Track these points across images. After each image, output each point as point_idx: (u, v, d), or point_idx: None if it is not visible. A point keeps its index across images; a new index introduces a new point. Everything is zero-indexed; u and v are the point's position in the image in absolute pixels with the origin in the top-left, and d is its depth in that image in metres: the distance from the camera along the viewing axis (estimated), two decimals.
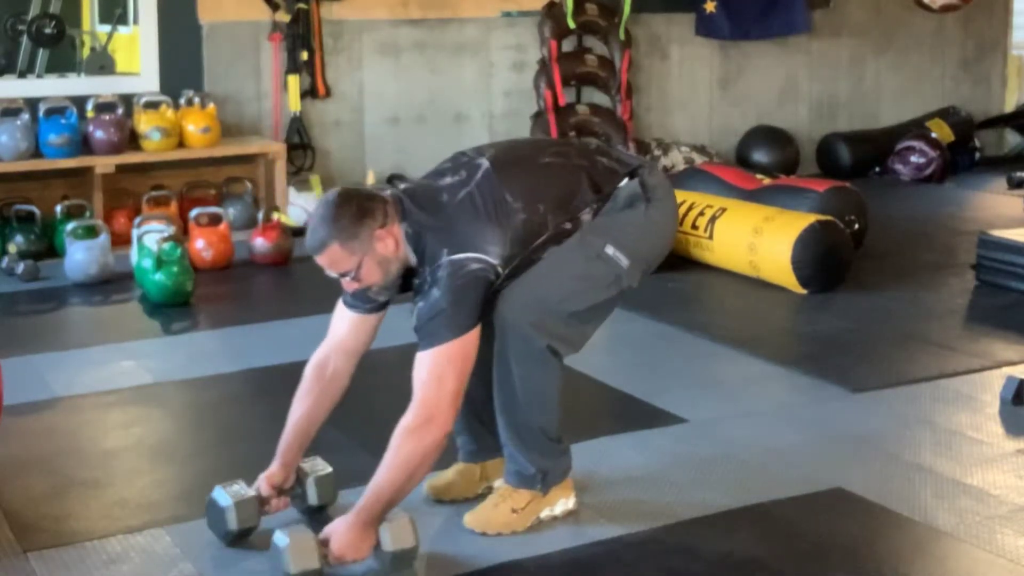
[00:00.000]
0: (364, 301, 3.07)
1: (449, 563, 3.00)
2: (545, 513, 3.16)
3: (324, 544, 2.85)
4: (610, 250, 3.00)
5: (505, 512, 3.11)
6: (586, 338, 3.10)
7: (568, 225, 3.01)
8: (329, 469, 3.24)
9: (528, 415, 3.05)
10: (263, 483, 3.14)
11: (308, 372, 3.17)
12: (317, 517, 3.14)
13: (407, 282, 2.99)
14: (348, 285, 2.99)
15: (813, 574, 2.95)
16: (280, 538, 2.84)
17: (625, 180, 3.07)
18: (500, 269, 2.91)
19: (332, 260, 2.90)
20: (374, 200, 2.91)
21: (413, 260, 2.94)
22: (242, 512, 3.03)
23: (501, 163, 3.01)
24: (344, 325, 3.14)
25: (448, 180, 3.00)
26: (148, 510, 3.30)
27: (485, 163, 3.00)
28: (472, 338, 2.88)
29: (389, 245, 2.90)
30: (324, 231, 2.87)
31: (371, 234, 2.87)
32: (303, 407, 3.16)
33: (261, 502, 3.11)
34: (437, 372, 2.85)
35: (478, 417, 3.22)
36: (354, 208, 2.88)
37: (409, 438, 2.86)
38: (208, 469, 3.62)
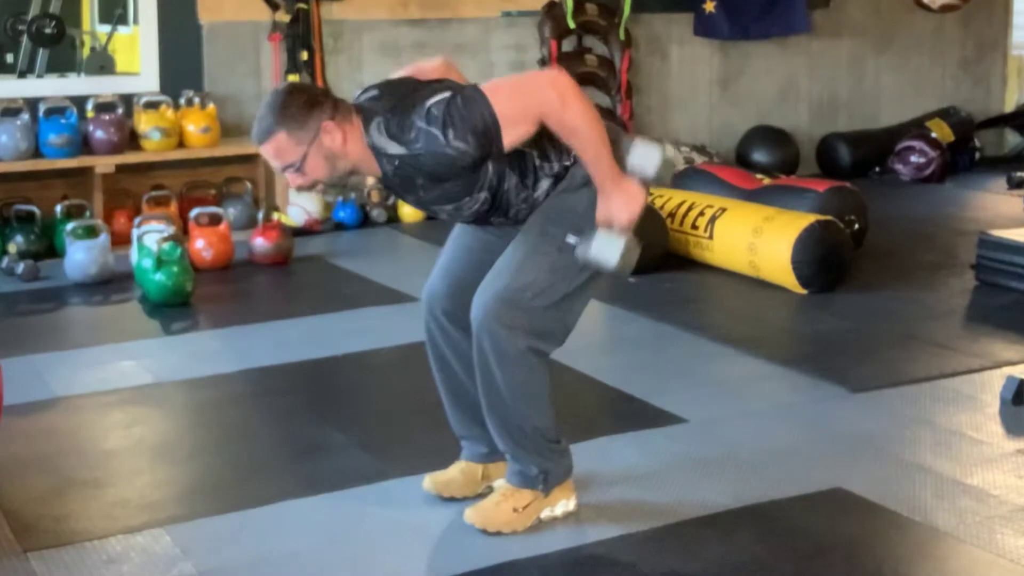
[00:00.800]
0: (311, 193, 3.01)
1: (449, 563, 3.00)
2: (545, 513, 3.16)
3: (610, 224, 2.91)
4: (571, 239, 2.97)
5: (506, 511, 3.11)
6: (569, 328, 3.06)
7: (537, 161, 2.96)
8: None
9: (521, 418, 3.03)
10: None
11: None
12: None
13: (396, 172, 2.90)
14: (293, 179, 2.92)
15: (813, 574, 2.95)
16: (597, 241, 2.90)
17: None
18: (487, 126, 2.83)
19: (278, 149, 2.86)
20: (326, 94, 2.90)
21: (396, 147, 2.86)
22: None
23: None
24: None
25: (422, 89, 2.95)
26: (148, 510, 3.30)
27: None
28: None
29: (336, 138, 2.85)
30: (271, 119, 2.84)
31: (319, 125, 2.84)
32: None
33: None
34: (507, 92, 2.83)
35: (478, 420, 3.20)
36: (304, 98, 2.86)
37: (564, 119, 2.81)
38: (208, 469, 3.62)
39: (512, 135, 2.83)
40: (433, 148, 2.81)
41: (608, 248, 2.93)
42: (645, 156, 2.95)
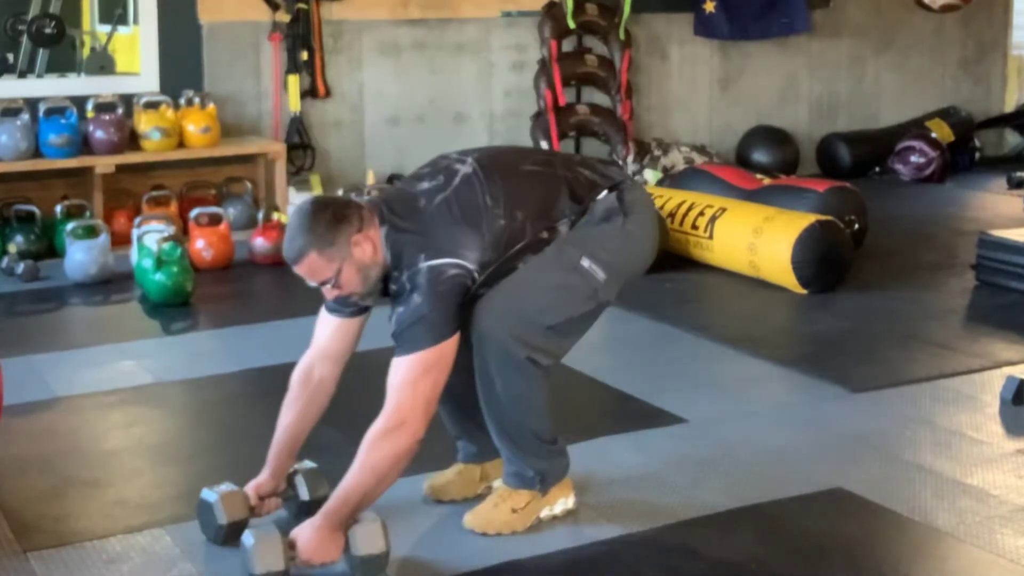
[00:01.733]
0: (346, 305, 3.06)
1: (449, 563, 3.00)
2: (545, 513, 3.16)
3: (292, 546, 2.84)
4: (586, 263, 2.99)
5: (505, 512, 3.11)
6: (564, 351, 3.09)
7: (545, 234, 2.99)
8: (315, 465, 3.23)
9: (518, 422, 3.04)
10: (251, 491, 3.13)
11: (294, 380, 3.17)
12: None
13: (385, 287, 2.97)
14: (329, 293, 2.97)
15: (813, 574, 2.95)
16: (247, 537, 2.84)
17: (604, 193, 3.06)
18: (476, 275, 2.90)
19: (311, 269, 2.89)
20: (349, 206, 2.91)
21: (390, 265, 2.92)
22: (229, 505, 3.03)
23: (482, 167, 3.00)
24: (327, 331, 3.14)
25: (426, 185, 2.99)
26: (148, 510, 3.30)
27: (464, 168, 2.99)
28: (450, 345, 2.88)
29: (367, 250, 2.89)
30: (301, 240, 2.87)
31: (348, 240, 2.86)
32: (290, 415, 3.16)
33: (250, 508, 3.09)
34: (412, 378, 2.86)
35: (473, 420, 3.21)
36: (329, 215, 2.87)
37: (380, 443, 2.86)
38: (208, 469, 3.62)
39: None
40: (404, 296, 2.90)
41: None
42: (370, 538, 2.86)
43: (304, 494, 3.19)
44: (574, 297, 3.00)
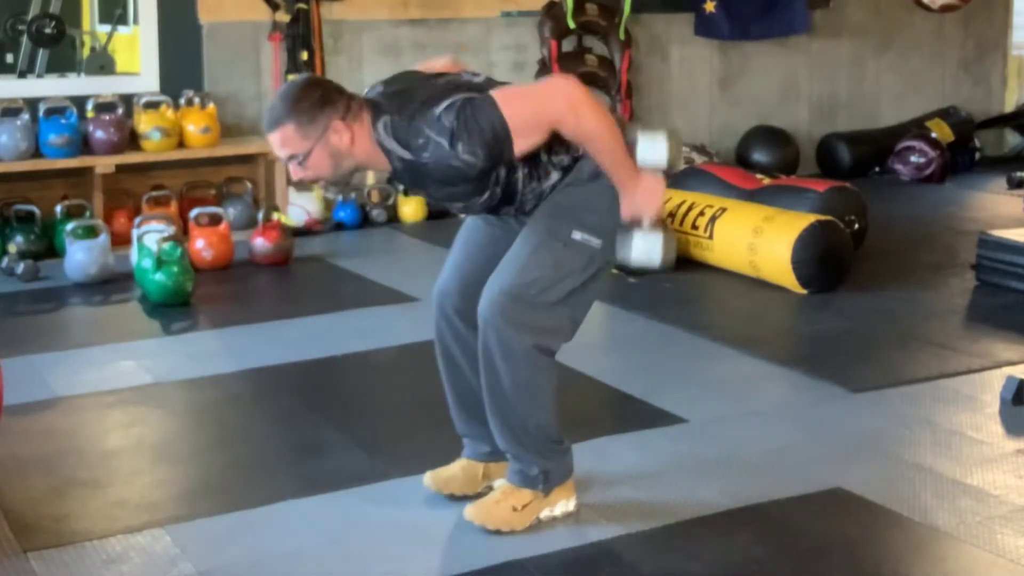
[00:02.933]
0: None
1: (449, 563, 3.00)
2: (545, 513, 3.16)
3: (641, 220, 2.95)
4: (578, 235, 2.97)
5: (506, 509, 3.11)
6: (577, 324, 3.05)
7: (545, 154, 2.96)
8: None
9: (523, 416, 3.03)
10: None
11: None
12: None
13: (404, 166, 2.91)
14: (295, 171, 2.93)
15: (813, 574, 2.95)
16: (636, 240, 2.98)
17: None
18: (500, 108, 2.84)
19: (284, 139, 2.87)
20: (341, 92, 2.89)
21: (406, 152, 2.87)
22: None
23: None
24: None
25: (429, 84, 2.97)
26: (148, 510, 3.30)
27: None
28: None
29: (344, 139, 2.86)
30: (282, 108, 2.85)
31: (328, 122, 2.84)
32: None
33: None
34: (520, 102, 2.84)
35: (480, 419, 3.20)
36: (318, 94, 2.86)
37: (580, 126, 2.83)
38: (208, 469, 3.62)
39: (523, 145, 2.84)
40: (441, 158, 2.82)
41: (647, 247, 2.98)
42: (652, 147, 2.97)
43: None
44: (571, 269, 2.98)
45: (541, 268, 2.95)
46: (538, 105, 2.86)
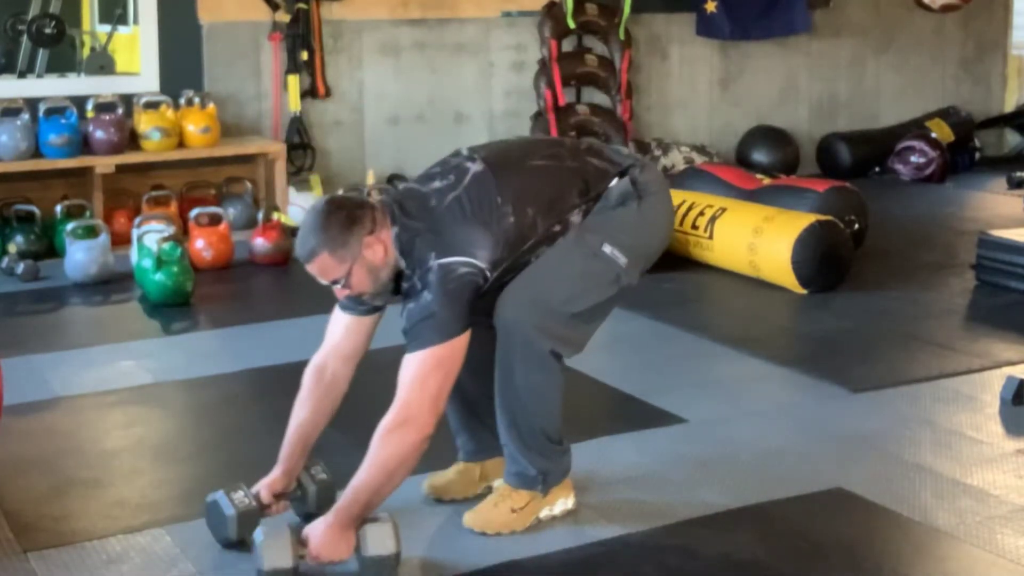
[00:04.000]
0: (359, 303, 3.07)
1: (449, 563, 3.00)
2: (544, 513, 3.16)
3: (303, 543, 2.85)
4: (607, 248, 3.01)
5: (505, 512, 3.11)
6: (588, 338, 3.11)
7: (558, 227, 3.01)
8: (327, 476, 3.23)
9: (531, 417, 3.05)
10: (264, 490, 3.14)
11: (306, 378, 3.17)
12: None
13: (397, 286, 2.99)
14: (340, 292, 3.00)
15: (813, 574, 2.95)
16: (257, 534, 2.84)
17: (616, 179, 3.07)
18: (488, 273, 2.91)
19: (322, 269, 2.91)
20: (363, 207, 2.92)
21: (402, 264, 2.94)
22: (244, 523, 3.02)
23: (491, 165, 3.01)
24: (340, 329, 3.15)
25: (437, 184, 3.00)
26: (148, 510, 3.30)
27: (475, 166, 3.00)
28: (461, 342, 2.88)
29: (378, 252, 2.90)
30: (314, 240, 2.88)
31: (360, 241, 2.87)
32: (303, 413, 3.16)
33: (262, 508, 3.10)
34: (422, 375, 2.86)
35: (477, 416, 3.23)
36: (343, 216, 2.88)
37: (388, 439, 2.86)
38: (208, 469, 3.62)
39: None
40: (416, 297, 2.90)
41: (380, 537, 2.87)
42: (380, 539, 2.86)
43: (313, 507, 3.17)
44: (598, 283, 3.02)
45: (569, 278, 2.99)
46: (427, 384, 2.87)
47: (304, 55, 6.98)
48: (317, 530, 2.87)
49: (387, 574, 2.87)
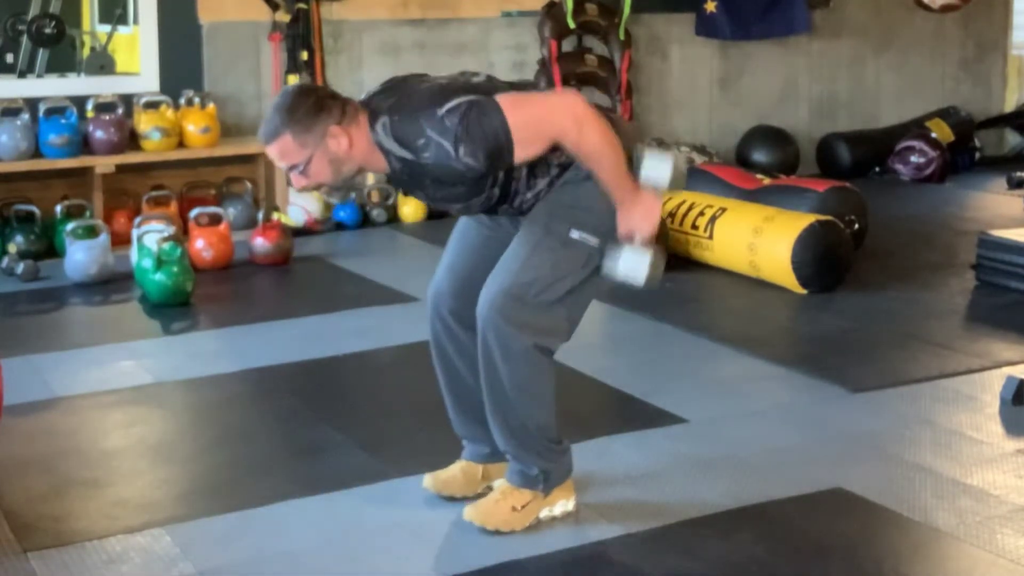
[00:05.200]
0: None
1: (449, 563, 3.00)
2: (544, 513, 3.16)
3: (632, 237, 2.96)
4: (575, 234, 2.98)
5: (505, 509, 3.11)
6: (575, 323, 3.06)
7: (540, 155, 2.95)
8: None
9: (523, 417, 3.03)
10: None
11: None
12: None
13: (404, 167, 2.90)
14: (296, 180, 2.94)
15: (813, 574, 2.95)
16: (625, 256, 2.98)
17: None
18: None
19: (282, 150, 2.88)
20: (335, 98, 2.89)
21: (404, 153, 2.86)
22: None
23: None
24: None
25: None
26: (148, 510, 3.30)
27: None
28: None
29: (342, 144, 2.86)
30: (278, 120, 2.86)
31: (325, 129, 2.84)
32: None
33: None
34: (525, 112, 2.83)
35: (482, 421, 3.20)
36: (311, 102, 2.86)
37: (581, 143, 2.84)
38: (208, 469, 3.62)
39: (523, 154, 2.85)
40: (442, 160, 2.82)
41: (635, 264, 2.99)
42: (656, 167, 2.97)
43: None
44: (570, 268, 2.98)
45: (540, 268, 2.95)
46: (544, 117, 2.86)
47: (304, 55, 6.98)
48: (632, 216, 2.94)
49: (682, 177, 2.98)
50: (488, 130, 2.78)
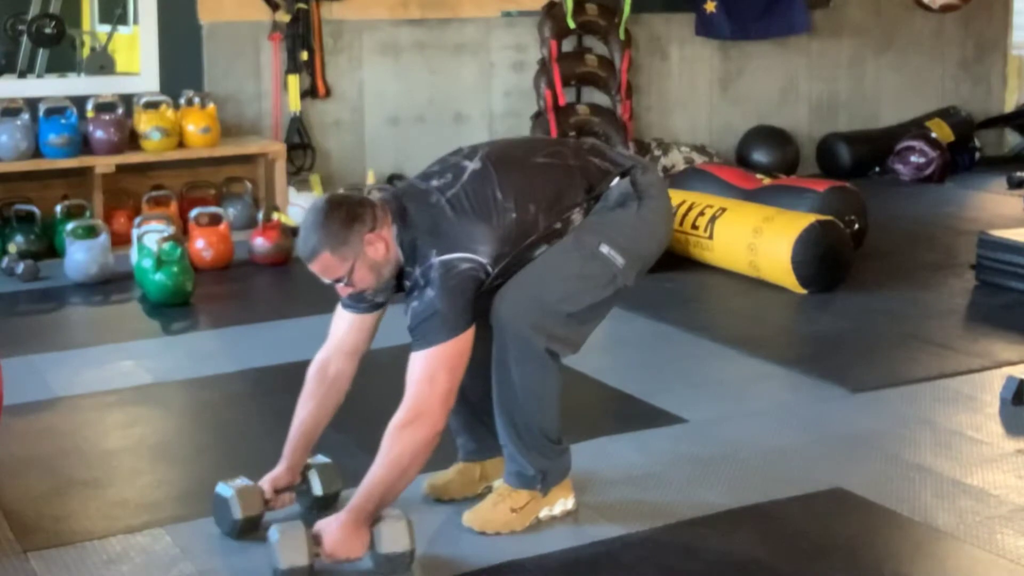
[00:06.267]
0: (360, 301, 3.08)
1: (449, 563, 3.00)
2: (544, 513, 3.16)
3: (317, 541, 2.85)
4: (605, 249, 3.01)
5: (504, 512, 3.11)
6: (584, 338, 3.10)
7: (558, 225, 3.01)
8: (330, 461, 3.26)
9: (528, 417, 3.05)
10: (267, 484, 3.15)
11: (310, 375, 3.18)
12: (324, 513, 3.13)
13: (399, 283, 2.99)
14: (342, 290, 3.00)
15: (813, 574, 2.95)
16: (272, 532, 2.85)
17: (617, 179, 3.07)
18: (490, 268, 2.92)
19: (324, 267, 2.92)
20: (363, 205, 2.92)
21: (403, 261, 2.95)
22: (245, 500, 3.05)
23: (493, 161, 3.01)
24: (343, 326, 3.16)
25: (436, 182, 3.00)
26: (148, 510, 3.30)
27: (473, 163, 3.01)
28: (466, 338, 2.89)
29: (380, 249, 2.90)
30: (315, 239, 2.89)
31: (361, 239, 2.88)
32: (306, 410, 3.17)
33: (265, 503, 3.11)
34: (430, 372, 2.87)
35: (477, 416, 3.23)
36: (343, 214, 2.88)
37: (400, 435, 2.87)
38: (208, 469, 3.62)
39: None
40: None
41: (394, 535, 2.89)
42: (395, 536, 2.88)
43: (318, 489, 3.22)
44: (594, 284, 3.02)
45: (565, 278, 2.99)
46: (434, 377, 2.88)
47: (304, 55, 6.98)
48: (331, 528, 2.87)
49: (402, 571, 2.88)
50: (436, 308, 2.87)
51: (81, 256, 5.68)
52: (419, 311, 2.88)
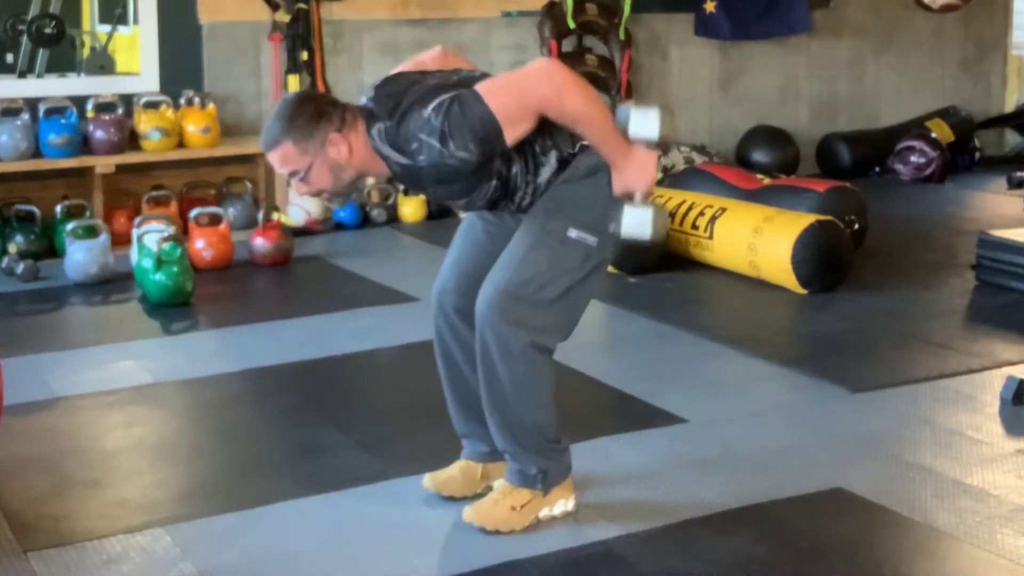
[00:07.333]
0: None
1: (449, 563, 3.00)
2: (544, 513, 3.16)
3: (634, 195, 2.96)
4: (573, 233, 2.98)
5: (505, 509, 3.11)
6: (574, 322, 3.07)
7: (538, 148, 2.97)
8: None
9: (520, 415, 3.03)
10: None
11: None
12: None
13: (411, 177, 2.93)
14: (297, 186, 2.96)
15: (813, 574, 2.95)
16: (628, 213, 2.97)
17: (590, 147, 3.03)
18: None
19: (283, 158, 2.90)
20: (335, 105, 2.91)
21: (400, 158, 2.88)
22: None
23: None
24: None
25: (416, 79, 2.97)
26: (148, 510, 3.30)
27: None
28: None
29: (342, 151, 2.88)
30: (278, 128, 2.88)
31: (325, 136, 2.86)
32: None
33: None
34: (504, 92, 2.83)
35: (481, 418, 3.20)
36: (311, 109, 2.88)
37: (552, 100, 2.83)
38: (208, 469, 3.62)
39: (513, 133, 2.85)
40: (436, 159, 2.84)
41: (638, 221, 2.99)
42: (643, 121, 2.98)
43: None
44: (568, 267, 2.99)
45: (537, 266, 2.96)
46: (522, 92, 2.86)
47: (304, 55, 6.98)
48: (627, 175, 2.95)
49: (670, 125, 3.01)
50: (473, 119, 2.80)
51: (81, 256, 5.68)
52: (434, 146, 2.81)
